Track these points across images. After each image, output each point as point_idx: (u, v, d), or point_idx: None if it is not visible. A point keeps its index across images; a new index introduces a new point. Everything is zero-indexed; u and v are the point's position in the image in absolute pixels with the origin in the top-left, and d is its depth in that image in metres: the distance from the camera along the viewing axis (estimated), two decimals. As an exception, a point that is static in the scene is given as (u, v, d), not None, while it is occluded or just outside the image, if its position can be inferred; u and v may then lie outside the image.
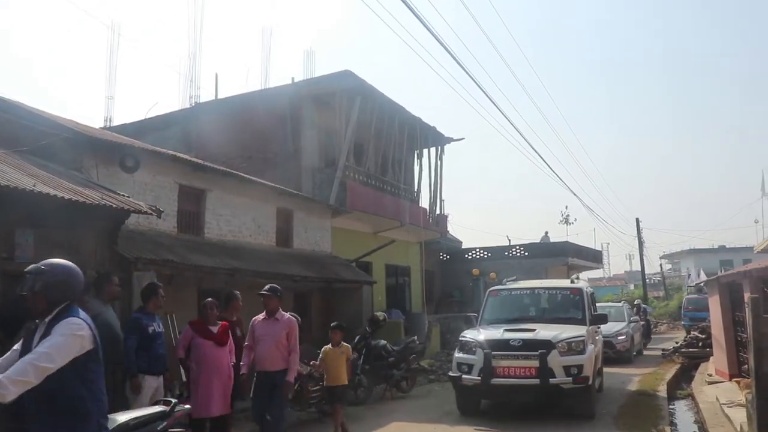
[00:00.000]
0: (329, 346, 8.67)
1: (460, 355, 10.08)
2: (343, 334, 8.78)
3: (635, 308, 24.22)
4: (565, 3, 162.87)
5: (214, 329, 7.39)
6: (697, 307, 29.35)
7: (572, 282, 12.07)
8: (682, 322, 31.49)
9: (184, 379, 7.81)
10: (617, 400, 11.35)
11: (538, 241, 33.18)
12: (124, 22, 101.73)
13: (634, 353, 19.04)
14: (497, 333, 9.96)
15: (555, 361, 9.25)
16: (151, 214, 9.02)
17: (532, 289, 12.06)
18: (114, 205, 8.02)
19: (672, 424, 10.17)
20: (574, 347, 9.49)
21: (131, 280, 8.66)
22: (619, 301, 28.39)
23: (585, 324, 10.50)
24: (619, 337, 17.66)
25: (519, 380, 9.36)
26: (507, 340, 9.60)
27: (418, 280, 23.06)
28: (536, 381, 9.20)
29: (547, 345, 9.35)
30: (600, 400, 10.97)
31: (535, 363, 9.23)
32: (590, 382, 9.49)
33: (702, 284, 32.86)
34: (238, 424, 8.62)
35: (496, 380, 9.41)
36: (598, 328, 11.65)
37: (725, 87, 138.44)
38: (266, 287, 7.41)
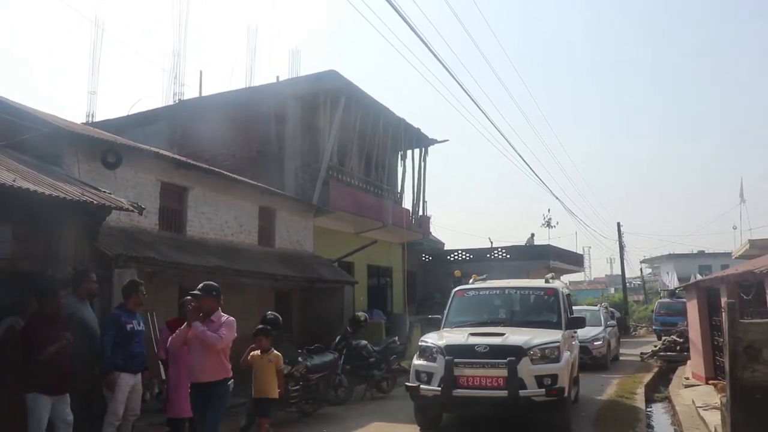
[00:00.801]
0: (257, 351, 7.72)
1: (419, 362, 8.93)
2: (271, 340, 7.80)
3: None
4: (551, 4, 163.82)
5: (192, 328, 7.34)
6: (669, 311, 28.98)
7: (547, 282, 10.81)
8: (654, 327, 31.11)
9: (164, 377, 7.77)
10: (595, 403, 11.43)
11: (523, 242, 33.37)
12: (108, 17, 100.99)
13: (611, 359, 18.51)
14: (461, 337, 8.93)
15: (526, 370, 8.19)
16: (132, 211, 8.96)
17: (503, 288, 10.82)
18: (95, 202, 7.96)
19: (649, 426, 10.29)
20: (548, 354, 8.45)
21: (112, 277, 8.61)
22: (595, 305, 28.16)
23: (560, 328, 9.48)
24: (596, 343, 17.00)
25: (484, 391, 8.25)
26: (472, 346, 8.53)
27: (399, 281, 23.10)
28: (504, 393, 8.09)
29: (517, 351, 8.28)
30: (577, 404, 10.64)
31: (503, 372, 8.14)
32: (566, 393, 8.50)
33: (677, 289, 33.07)
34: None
35: (458, 391, 8.29)
36: (575, 332, 10.70)
37: (708, 95, 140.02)
38: (199, 286, 6.45)
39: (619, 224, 42.41)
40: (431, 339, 9.21)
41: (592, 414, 10.34)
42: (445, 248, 31.81)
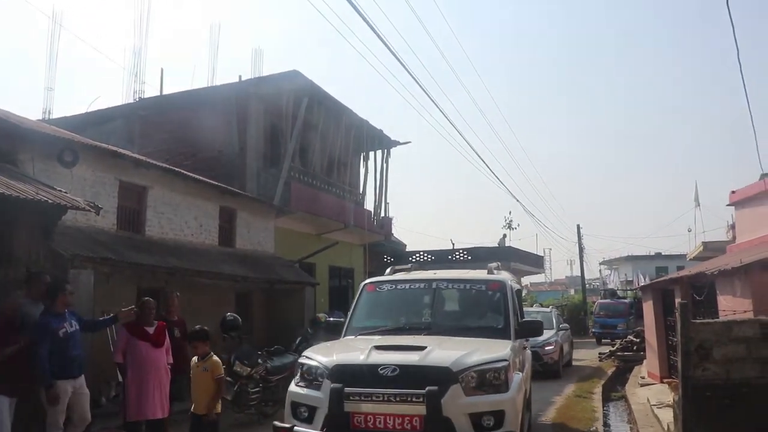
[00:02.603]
0: (194, 359, 6.74)
1: (298, 389, 6.02)
2: (207, 345, 6.61)
3: None
4: (515, 6, 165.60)
5: (151, 330, 7.25)
6: (609, 312, 27.72)
7: (490, 272, 7.89)
8: (592, 330, 29.31)
9: (120, 379, 7.65)
10: (553, 402, 11.58)
11: (484, 244, 33.85)
12: (65, 12, 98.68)
13: (563, 365, 16.90)
14: (359, 353, 5.98)
15: (455, 404, 5.41)
16: (89, 210, 8.82)
17: (429, 282, 7.68)
18: (50, 201, 7.81)
19: (606, 424, 10.47)
20: (490, 379, 5.62)
21: (67, 278, 8.45)
22: (548, 306, 25.54)
23: (509, 337, 6.67)
24: (547, 348, 15.34)
25: None
26: (374, 367, 5.62)
27: (361, 282, 23.07)
28: None
29: (443, 376, 5.48)
30: (535, 402, 9.05)
31: (421, 409, 5.34)
32: None
33: (618, 289, 33.13)
34: (175, 426, 8.48)
35: None
36: (527, 341, 7.88)
37: (665, 101, 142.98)
38: None
39: (578, 226, 42.99)
40: (317, 354, 6.21)
41: (550, 413, 10.49)
42: (407, 250, 31.96)
